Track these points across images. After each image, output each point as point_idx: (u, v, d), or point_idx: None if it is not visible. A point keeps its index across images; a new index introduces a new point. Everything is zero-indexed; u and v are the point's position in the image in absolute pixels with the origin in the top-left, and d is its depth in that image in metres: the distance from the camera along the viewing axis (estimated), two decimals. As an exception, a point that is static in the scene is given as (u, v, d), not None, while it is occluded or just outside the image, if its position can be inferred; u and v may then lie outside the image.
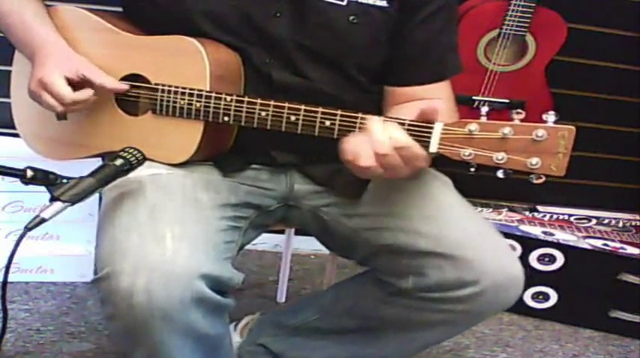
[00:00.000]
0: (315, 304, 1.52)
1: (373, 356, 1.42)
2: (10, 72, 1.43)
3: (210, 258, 1.14)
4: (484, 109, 1.08)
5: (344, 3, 1.25)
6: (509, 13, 1.95)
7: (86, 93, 1.24)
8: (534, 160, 1.04)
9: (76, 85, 1.24)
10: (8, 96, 1.44)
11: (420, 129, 1.10)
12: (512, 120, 1.05)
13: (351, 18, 1.26)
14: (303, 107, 1.18)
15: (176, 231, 1.13)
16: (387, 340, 1.39)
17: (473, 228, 1.29)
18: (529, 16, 1.95)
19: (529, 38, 2.00)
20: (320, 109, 1.17)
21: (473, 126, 1.06)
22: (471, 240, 1.26)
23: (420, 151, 1.08)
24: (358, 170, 1.11)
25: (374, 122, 1.09)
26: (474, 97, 2.06)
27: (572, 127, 1.04)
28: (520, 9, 1.94)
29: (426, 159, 1.10)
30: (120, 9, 1.38)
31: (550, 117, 1.04)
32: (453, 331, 1.40)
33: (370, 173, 1.10)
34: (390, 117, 1.12)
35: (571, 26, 2.01)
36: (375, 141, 1.08)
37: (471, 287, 1.23)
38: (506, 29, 1.97)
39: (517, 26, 1.97)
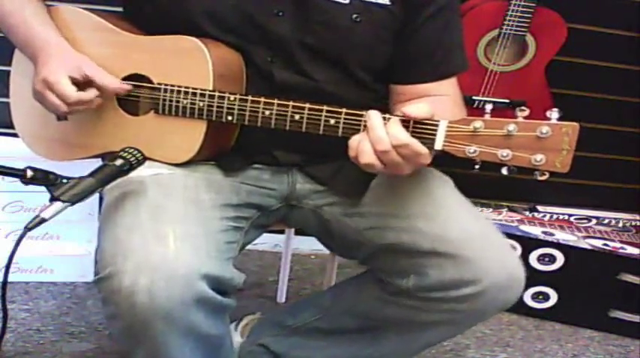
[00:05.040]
0: (316, 304, 1.52)
1: (374, 356, 1.42)
2: (10, 72, 1.42)
3: (211, 259, 1.14)
4: (488, 107, 1.08)
5: (347, 1, 1.25)
6: (509, 13, 1.95)
7: (91, 94, 1.24)
8: (539, 157, 1.04)
9: (80, 84, 1.23)
10: (8, 97, 1.43)
11: (425, 127, 1.10)
12: (516, 117, 1.06)
13: (354, 16, 1.26)
14: (307, 105, 1.17)
15: (178, 231, 1.13)
16: (387, 340, 1.39)
17: (474, 227, 1.29)
18: (529, 16, 1.95)
19: (529, 38, 2.00)
20: (325, 107, 1.17)
21: (478, 123, 1.06)
22: (472, 239, 1.26)
23: (421, 148, 1.09)
24: (361, 166, 1.13)
25: (373, 118, 1.10)
26: (474, 97, 2.06)
27: (576, 124, 1.04)
28: (520, 9, 1.94)
29: (428, 156, 1.10)
30: (120, 9, 1.38)
31: (554, 114, 1.05)
32: (454, 331, 1.39)
33: (373, 169, 1.12)
34: (395, 116, 1.12)
35: (571, 26, 2.01)
36: (373, 137, 1.09)
37: (472, 286, 1.23)
38: (506, 29, 1.98)
39: (517, 26, 1.97)
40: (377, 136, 1.09)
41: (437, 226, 1.27)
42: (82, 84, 1.24)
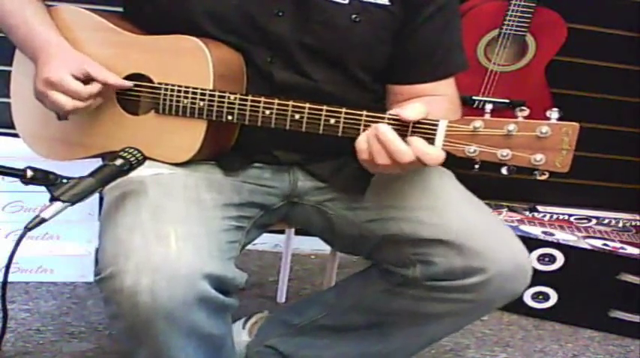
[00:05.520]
0: (321, 302, 1.52)
1: (382, 351, 1.42)
2: (10, 72, 1.42)
3: (213, 258, 1.14)
4: (488, 107, 1.08)
5: (346, 2, 1.25)
6: (509, 13, 1.95)
7: (97, 86, 1.24)
8: (538, 156, 1.05)
9: (82, 82, 1.23)
10: (8, 97, 1.43)
11: (424, 127, 1.10)
12: (516, 117, 1.06)
13: (354, 16, 1.26)
14: (307, 105, 1.18)
15: (179, 231, 1.13)
16: (395, 334, 1.39)
17: (474, 216, 1.30)
18: (529, 16, 1.95)
19: (529, 38, 2.00)
20: (324, 107, 1.17)
21: (477, 123, 1.07)
22: (473, 228, 1.27)
23: (440, 154, 1.09)
24: (374, 168, 1.13)
25: (387, 132, 1.09)
26: (474, 97, 2.06)
27: (576, 124, 1.05)
28: (520, 9, 1.94)
29: (443, 158, 1.10)
30: (120, 9, 1.38)
31: (553, 114, 1.05)
32: (460, 322, 1.39)
33: (386, 170, 1.13)
34: (393, 116, 1.12)
35: (571, 26, 2.01)
36: (394, 151, 1.09)
37: (479, 275, 1.23)
38: (506, 29, 1.98)
39: (517, 26, 1.97)
40: (398, 150, 1.08)
41: (436, 216, 1.28)
42: (84, 82, 1.23)
